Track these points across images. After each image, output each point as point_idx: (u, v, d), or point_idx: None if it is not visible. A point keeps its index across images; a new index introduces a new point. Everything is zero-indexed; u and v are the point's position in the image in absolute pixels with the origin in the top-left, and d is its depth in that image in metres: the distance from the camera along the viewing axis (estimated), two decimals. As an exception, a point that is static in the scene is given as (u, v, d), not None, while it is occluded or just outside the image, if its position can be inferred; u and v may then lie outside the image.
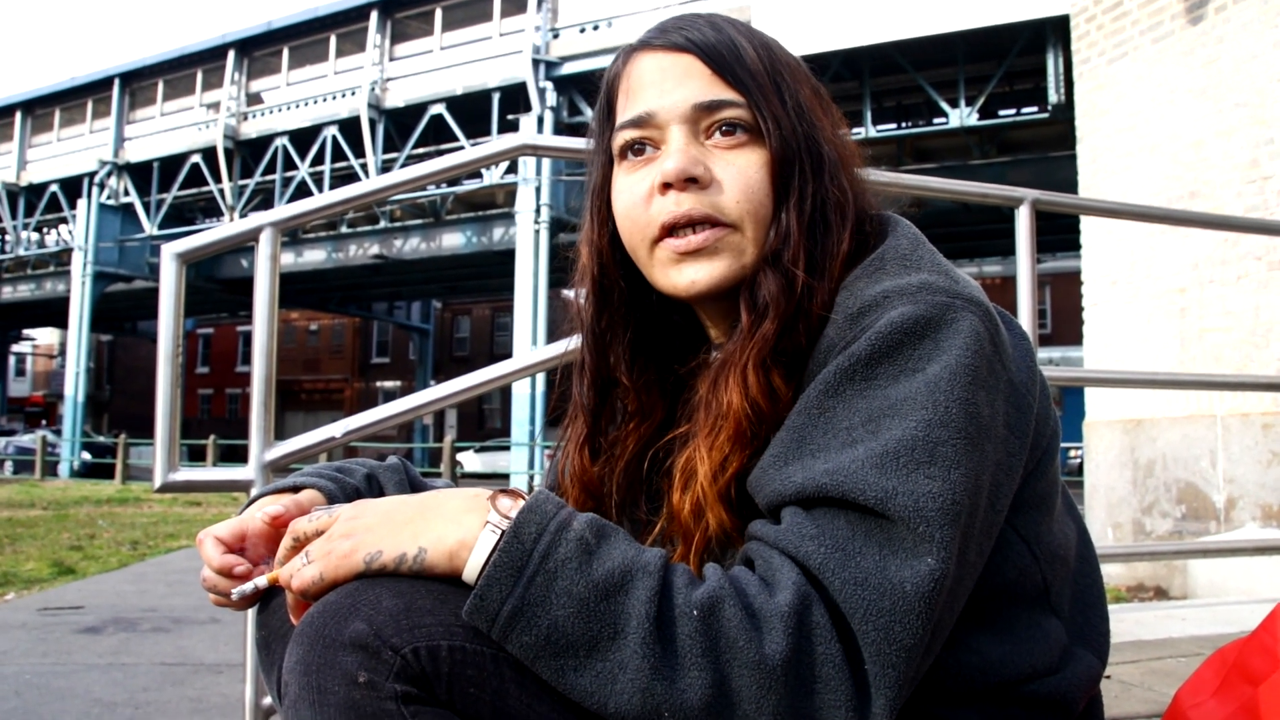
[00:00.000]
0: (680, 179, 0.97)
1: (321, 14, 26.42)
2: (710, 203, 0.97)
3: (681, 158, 0.97)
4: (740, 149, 0.99)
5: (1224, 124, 6.23)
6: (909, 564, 0.78)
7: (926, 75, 18.81)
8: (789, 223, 0.97)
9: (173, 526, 10.69)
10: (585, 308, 1.11)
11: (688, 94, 0.98)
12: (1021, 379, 0.93)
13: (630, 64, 1.04)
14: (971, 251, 25.89)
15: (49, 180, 31.60)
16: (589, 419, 1.11)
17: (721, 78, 0.98)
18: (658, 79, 1.00)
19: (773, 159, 0.98)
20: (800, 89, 1.02)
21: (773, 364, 0.94)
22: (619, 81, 1.05)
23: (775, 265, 0.96)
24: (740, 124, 0.98)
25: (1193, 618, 3.64)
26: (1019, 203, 2.95)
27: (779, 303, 0.95)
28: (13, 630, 4.71)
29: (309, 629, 0.79)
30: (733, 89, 0.98)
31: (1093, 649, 1.00)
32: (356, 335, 46.66)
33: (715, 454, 0.94)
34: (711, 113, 0.98)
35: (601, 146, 1.07)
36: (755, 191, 0.98)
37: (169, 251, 2.10)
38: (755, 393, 0.93)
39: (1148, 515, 6.63)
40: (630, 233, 1.03)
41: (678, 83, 0.99)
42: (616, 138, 1.03)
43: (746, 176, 0.98)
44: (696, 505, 0.94)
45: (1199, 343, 6.38)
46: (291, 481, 1.11)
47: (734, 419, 0.93)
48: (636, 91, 1.02)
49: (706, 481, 0.93)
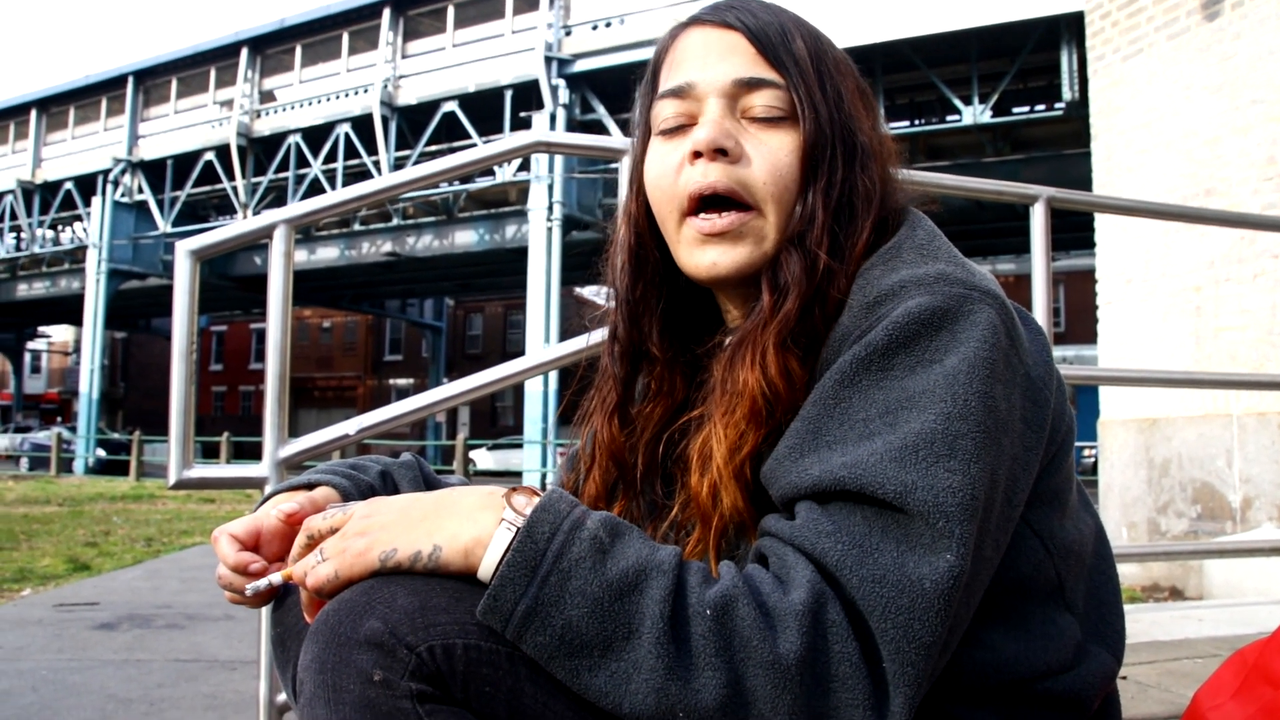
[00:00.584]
0: (710, 148, 0.98)
1: (334, 11, 26.49)
2: (737, 177, 0.98)
3: (714, 129, 0.98)
4: (774, 129, 0.99)
5: (1241, 121, 6.19)
6: (927, 560, 0.77)
7: (940, 72, 18.76)
8: (815, 205, 0.97)
9: (187, 523, 10.74)
10: (620, 277, 1.11)
11: (729, 69, 0.99)
12: (1038, 373, 0.92)
13: (679, 38, 1.05)
14: (985, 249, 25.80)
15: (64, 178, 31.77)
16: (619, 388, 1.12)
17: (765, 58, 0.99)
18: (702, 52, 1.01)
19: (805, 143, 0.98)
20: (844, 82, 1.02)
21: (791, 345, 0.94)
22: (665, 54, 1.06)
23: (799, 246, 0.96)
24: (778, 105, 0.99)
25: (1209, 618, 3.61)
26: (1034, 200, 2.93)
27: (801, 283, 0.95)
28: (29, 626, 4.73)
29: (324, 627, 0.79)
30: (775, 70, 0.99)
31: (1108, 646, 0.99)
32: (369, 333, 46.77)
33: (732, 431, 0.93)
34: (750, 90, 0.99)
35: (643, 119, 1.08)
36: (783, 174, 0.98)
37: (183, 248, 2.11)
38: (773, 373, 0.92)
39: (1163, 515, 6.60)
40: (659, 202, 1.04)
41: (721, 57, 1.00)
42: (656, 107, 1.04)
43: (777, 158, 0.98)
44: (713, 486, 0.94)
45: (1214, 341, 6.34)
46: (306, 479, 1.11)
47: (750, 397, 0.93)
48: (680, 63, 1.03)
49: (723, 461, 0.93)
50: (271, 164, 27.23)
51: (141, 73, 30.60)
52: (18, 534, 9.24)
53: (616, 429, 1.10)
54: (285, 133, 27.10)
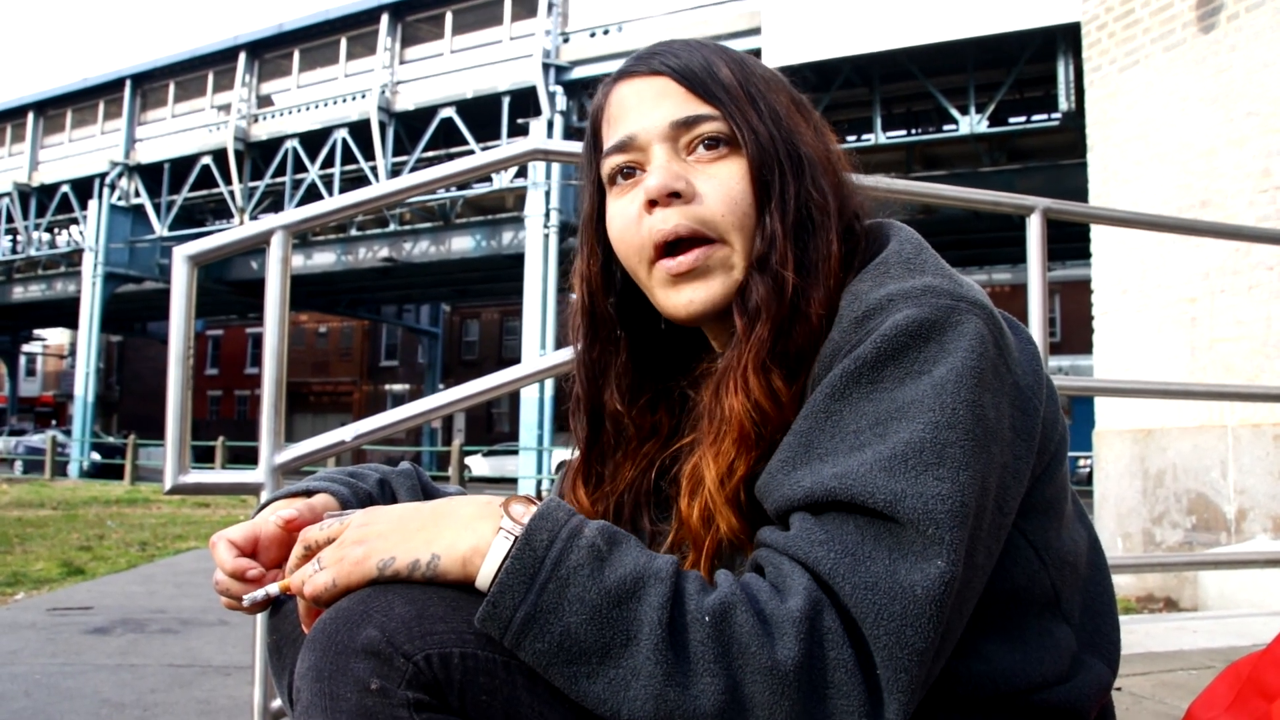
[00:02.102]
0: (662, 194, 0.98)
1: (332, 16, 26.50)
2: (695, 216, 0.98)
3: (663, 174, 0.99)
4: (721, 161, 1.00)
5: (1236, 133, 6.22)
6: (919, 567, 0.78)
7: (936, 82, 18.79)
8: (773, 226, 0.97)
9: (181, 528, 10.71)
10: (578, 339, 1.13)
11: (665, 113, 1.00)
12: (1027, 382, 0.92)
13: (611, 94, 1.06)
14: (980, 259, 25.86)
15: (60, 181, 31.73)
16: (583, 450, 1.13)
17: (696, 94, 1.00)
18: (636, 103, 1.02)
19: (751, 166, 0.99)
20: (777, 98, 1.03)
21: (772, 365, 0.94)
22: (602, 112, 1.07)
23: (764, 270, 0.97)
24: (719, 136, 1.00)
25: (1204, 630, 3.62)
26: (1030, 211, 2.94)
27: (770, 305, 0.95)
28: (22, 630, 4.72)
29: (321, 635, 0.79)
30: (707, 104, 1.00)
31: (1103, 657, 1.00)
32: (365, 338, 46.74)
33: (721, 459, 0.94)
34: (689, 128, 1.00)
35: (592, 177, 1.09)
36: (738, 202, 0.99)
37: (180, 254, 2.11)
38: (757, 395, 0.93)
39: (1158, 526, 6.61)
40: (627, 255, 1.04)
41: (654, 104, 1.01)
42: (604, 164, 1.05)
43: (728, 187, 0.99)
44: (705, 511, 0.94)
45: (1210, 352, 6.36)
46: (304, 486, 1.11)
47: (737, 423, 0.93)
48: (618, 118, 1.04)
49: (714, 487, 0.94)
50: (269, 169, 27.22)
51: (139, 76, 30.58)
52: (11, 537, 9.22)
53: (582, 494, 1.12)
54: (283, 137, 27.09)
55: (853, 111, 20.29)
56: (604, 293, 1.10)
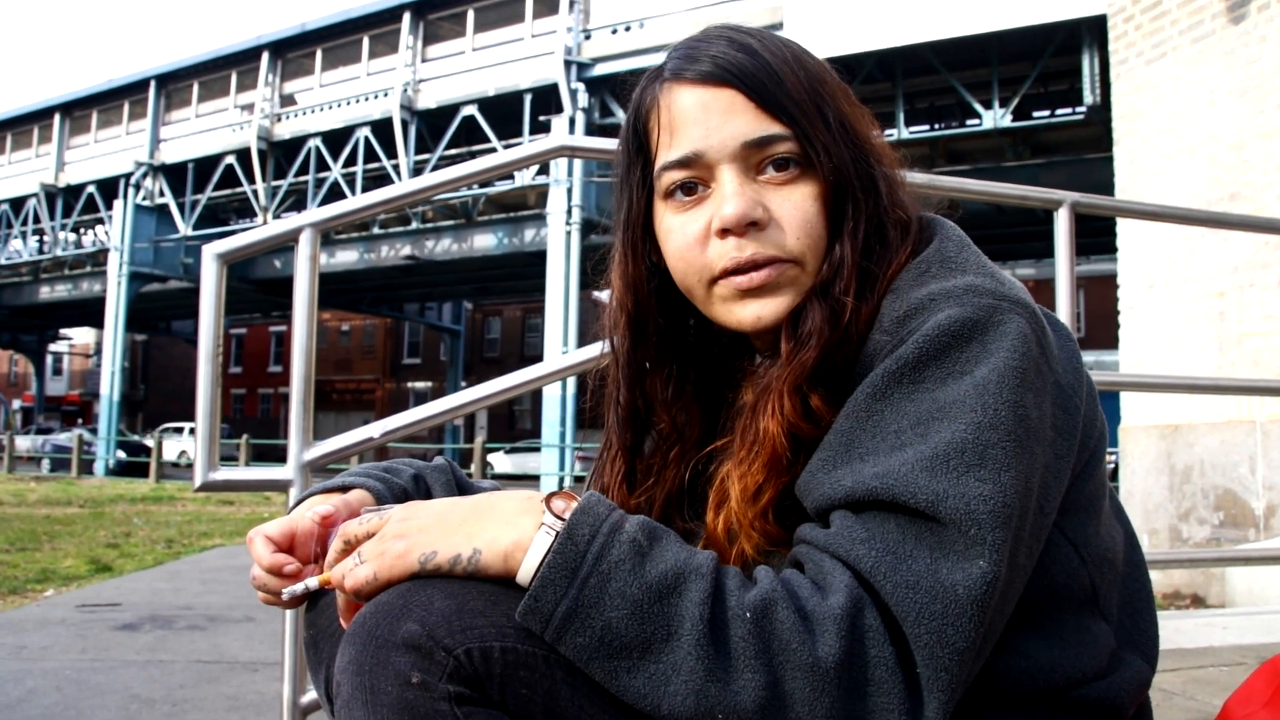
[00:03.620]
0: (741, 225, 0.95)
1: (354, 15, 26.60)
2: (773, 243, 0.96)
3: (740, 201, 0.95)
4: (794, 184, 0.96)
5: (1266, 125, 6.15)
6: (960, 567, 0.78)
7: (960, 76, 18.69)
8: (844, 252, 0.95)
9: (206, 525, 10.79)
10: (619, 344, 1.10)
11: (735, 131, 0.95)
12: (1068, 380, 0.92)
13: (665, 96, 1.00)
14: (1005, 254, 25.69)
15: (86, 181, 32.00)
16: (626, 456, 1.11)
17: (766, 110, 0.95)
18: (700, 116, 0.97)
19: (826, 189, 0.96)
20: (839, 103, 1.00)
21: (810, 389, 0.93)
22: (651, 115, 1.01)
23: (824, 296, 0.95)
24: (791, 157, 0.96)
25: (1234, 626, 3.59)
26: (1058, 205, 2.93)
27: (823, 333, 0.94)
28: (52, 626, 4.77)
29: (362, 629, 0.79)
30: (779, 122, 0.95)
31: (1142, 654, 0.99)
32: (388, 336, 46.94)
33: (749, 480, 0.93)
34: (762, 149, 0.96)
35: (635, 179, 1.04)
36: (813, 226, 0.96)
37: (210, 252, 2.12)
38: (792, 418, 0.92)
39: (1184, 522, 6.55)
40: (685, 273, 1.01)
41: (723, 119, 0.96)
42: (662, 177, 1.00)
43: (804, 211, 0.96)
44: (729, 526, 0.94)
45: (1238, 347, 6.30)
46: (340, 481, 1.11)
47: (769, 446, 0.93)
48: (678, 128, 0.98)
49: (739, 506, 0.93)
50: (292, 167, 27.35)
51: (163, 77, 30.80)
52: (40, 535, 9.31)
53: (625, 495, 1.10)
54: (305, 136, 27.22)
55: (876, 106, 20.00)
56: (650, 299, 1.06)
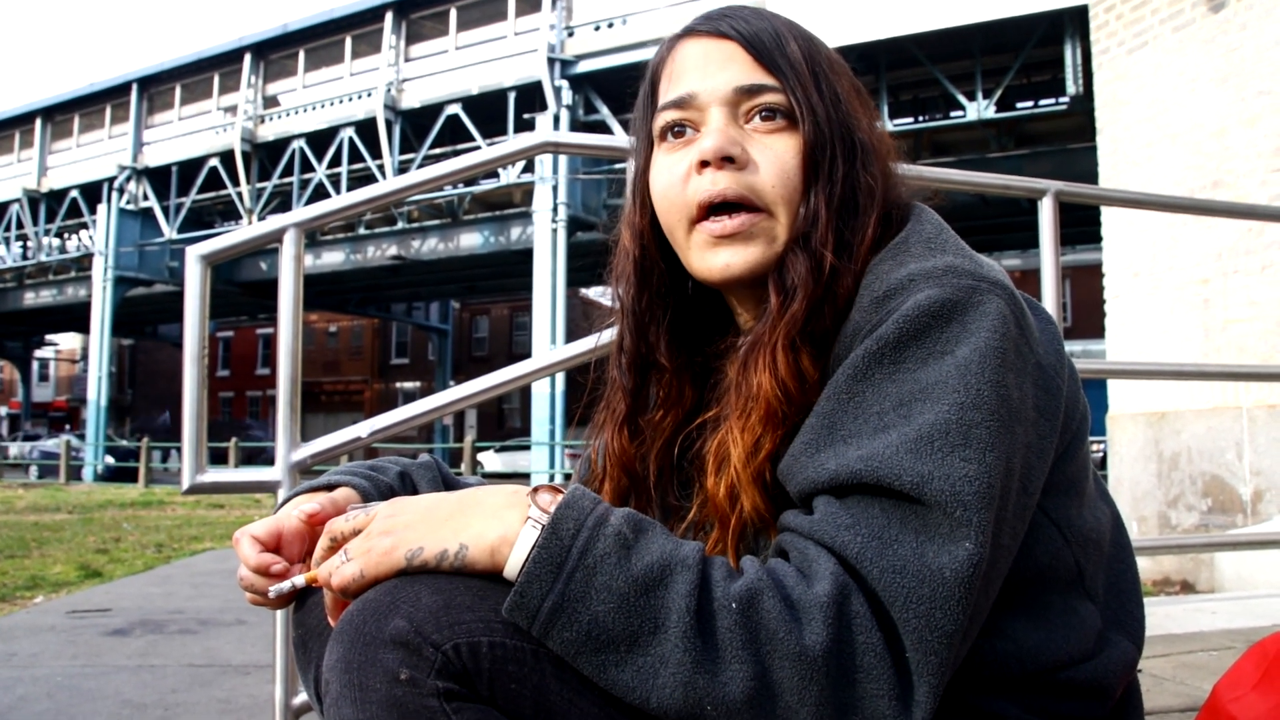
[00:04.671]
0: (718, 157, 0.98)
1: (337, 16, 26.54)
2: (746, 183, 0.99)
3: (720, 137, 0.99)
4: (778, 134, 1.00)
5: (1247, 112, 6.18)
6: (946, 549, 0.78)
7: (943, 68, 18.75)
8: (818, 205, 0.98)
9: (196, 529, 10.75)
10: (626, 289, 1.12)
11: (729, 77, 1.01)
12: (1049, 361, 0.93)
13: (675, 49, 1.06)
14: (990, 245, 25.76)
15: (69, 186, 31.88)
16: (629, 399, 1.12)
17: (762, 64, 1.00)
18: (701, 62, 1.02)
19: (806, 144, 0.99)
20: (839, 81, 1.03)
21: (801, 345, 0.94)
22: (663, 66, 1.07)
23: (804, 247, 0.97)
24: (778, 109, 1.00)
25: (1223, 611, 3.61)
26: (1042, 194, 2.93)
27: (807, 284, 0.95)
28: (43, 633, 4.74)
29: (349, 627, 0.79)
30: (772, 75, 1.00)
31: (1128, 635, 0.99)
32: (375, 336, 46.86)
33: (748, 435, 0.94)
34: (751, 96, 1.00)
35: (644, 131, 1.09)
36: (790, 176, 0.99)
37: (194, 254, 2.11)
38: (784, 374, 0.93)
39: (1173, 508, 6.58)
40: (667, 212, 1.04)
41: (720, 66, 1.01)
42: (658, 119, 1.05)
43: (782, 161, 0.99)
44: (731, 488, 0.94)
45: (1223, 334, 6.32)
46: (325, 480, 1.11)
47: (764, 400, 0.93)
48: (680, 75, 1.04)
49: (740, 464, 0.93)
50: (276, 169, 27.29)
51: (146, 80, 30.69)
52: (29, 541, 9.26)
53: (626, 440, 1.11)
54: (289, 138, 27.16)
55: (859, 100, 20.21)
56: (654, 245, 1.09)
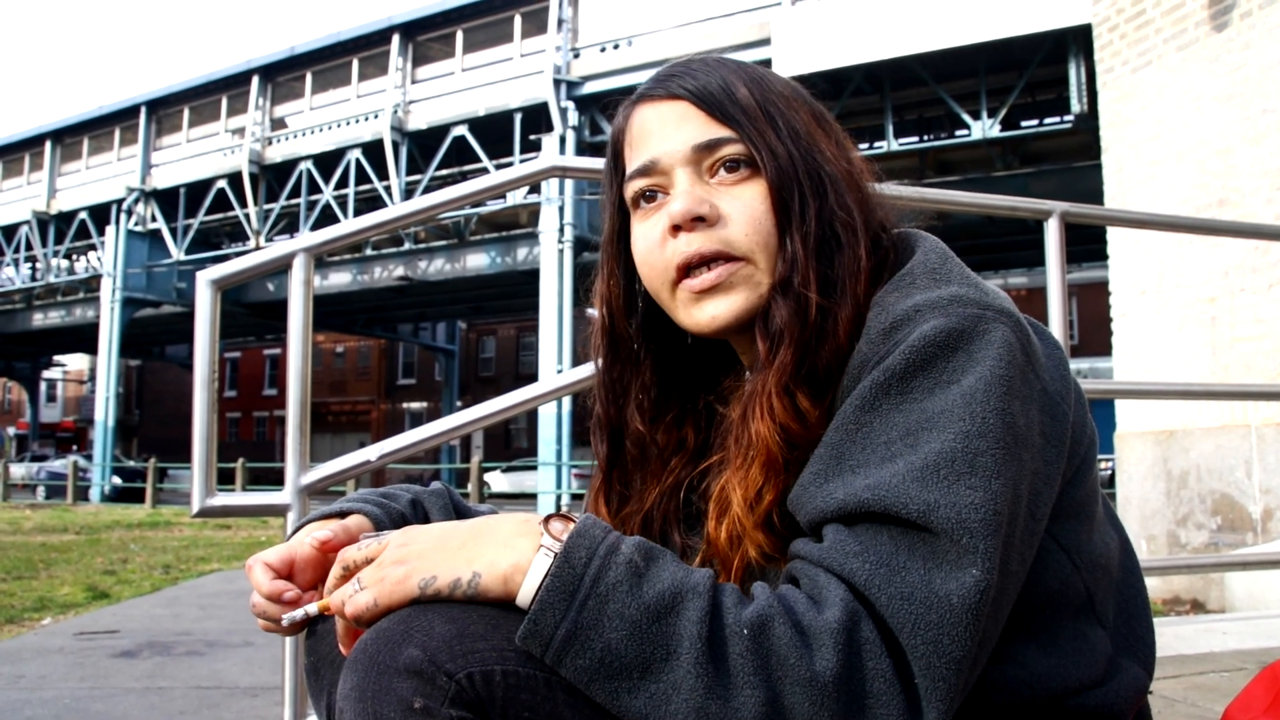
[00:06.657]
0: (686, 219, 0.99)
1: (344, 38, 26.67)
2: (719, 238, 0.99)
3: (686, 199, 1.00)
4: (743, 183, 1.00)
5: (1252, 130, 6.19)
6: (954, 576, 0.78)
7: (948, 87, 18.78)
8: (795, 248, 0.98)
9: (203, 550, 10.75)
10: (598, 358, 1.14)
11: (685, 137, 1.01)
12: (1055, 387, 0.93)
13: (632, 117, 1.08)
14: (996, 264, 25.76)
15: (78, 208, 32.01)
16: (604, 469, 1.14)
17: (715, 118, 1.01)
18: (658, 126, 1.04)
19: (772, 188, 0.99)
20: (796, 115, 1.03)
21: (796, 388, 0.94)
22: (624, 135, 1.08)
23: (786, 292, 0.97)
24: (740, 159, 1.00)
25: (1234, 631, 3.59)
26: (1048, 215, 2.94)
27: (792, 328, 0.95)
28: (50, 654, 4.75)
29: (363, 655, 0.79)
30: (727, 126, 1.00)
31: (1139, 660, 1.00)
32: (382, 357, 46.89)
33: (749, 485, 0.94)
34: (711, 151, 1.01)
35: (613, 198, 1.10)
36: (761, 222, 0.99)
37: (204, 279, 2.13)
38: (783, 419, 0.93)
39: (1182, 527, 6.56)
40: (650, 278, 1.05)
41: (676, 128, 1.02)
42: (628, 188, 1.06)
43: (752, 209, 0.99)
44: (732, 534, 0.95)
45: (1230, 352, 6.32)
46: (338, 507, 1.12)
47: (764, 448, 0.94)
48: (639, 141, 1.05)
49: (742, 512, 0.94)
50: (283, 191, 27.38)
51: (154, 102, 30.85)
52: (36, 563, 9.27)
53: (603, 511, 1.13)
54: (297, 159, 27.27)
55: (865, 119, 20.29)
56: (625, 313, 1.11)
